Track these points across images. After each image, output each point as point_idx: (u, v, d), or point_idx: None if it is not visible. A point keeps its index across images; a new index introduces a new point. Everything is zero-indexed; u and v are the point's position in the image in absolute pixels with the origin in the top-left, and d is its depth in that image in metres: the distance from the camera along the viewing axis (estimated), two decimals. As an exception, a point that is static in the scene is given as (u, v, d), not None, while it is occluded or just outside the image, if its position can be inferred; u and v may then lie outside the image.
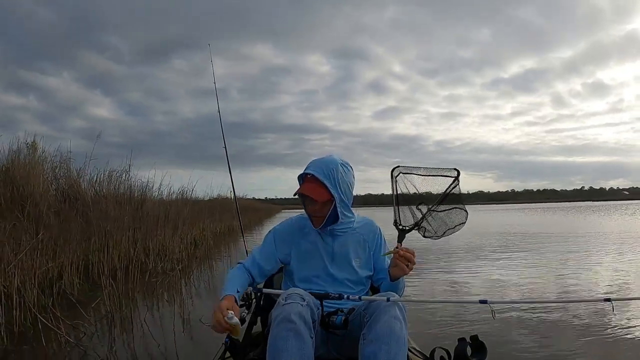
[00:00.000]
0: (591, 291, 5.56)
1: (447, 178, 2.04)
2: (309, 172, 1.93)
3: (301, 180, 1.97)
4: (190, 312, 4.90)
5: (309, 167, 1.95)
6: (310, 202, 1.94)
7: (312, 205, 1.94)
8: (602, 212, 34.08)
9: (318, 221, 1.96)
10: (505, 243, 12.13)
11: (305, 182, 1.94)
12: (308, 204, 1.95)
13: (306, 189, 1.92)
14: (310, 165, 1.96)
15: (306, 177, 1.95)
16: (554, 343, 3.58)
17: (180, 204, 11.28)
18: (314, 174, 1.91)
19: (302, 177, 1.97)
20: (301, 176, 1.97)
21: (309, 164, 1.98)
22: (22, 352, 3.49)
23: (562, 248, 10.56)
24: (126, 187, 9.42)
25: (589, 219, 25.04)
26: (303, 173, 1.96)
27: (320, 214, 1.94)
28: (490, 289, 5.77)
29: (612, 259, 8.41)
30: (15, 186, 6.71)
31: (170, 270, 7.23)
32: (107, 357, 3.37)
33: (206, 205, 14.75)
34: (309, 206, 1.96)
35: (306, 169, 1.95)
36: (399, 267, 1.85)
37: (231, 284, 1.83)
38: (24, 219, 5.42)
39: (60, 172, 8.66)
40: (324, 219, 1.94)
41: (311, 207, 1.95)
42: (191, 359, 3.46)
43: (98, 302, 4.40)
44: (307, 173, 1.94)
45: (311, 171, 1.92)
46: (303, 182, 1.96)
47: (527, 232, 16.23)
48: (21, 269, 4.09)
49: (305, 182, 1.94)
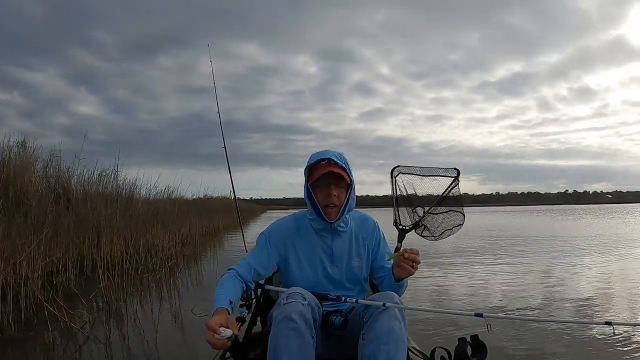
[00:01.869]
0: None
1: (447, 178, 2.05)
2: (328, 157, 1.86)
3: (307, 173, 1.91)
4: (179, 304, 5.33)
5: (322, 154, 1.88)
6: (335, 186, 1.87)
7: (337, 190, 1.87)
8: (591, 216, 34.66)
9: (335, 212, 1.89)
10: (501, 246, 12.19)
11: (324, 167, 1.86)
12: (327, 191, 1.87)
13: (334, 170, 1.85)
14: (321, 153, 1.90)
15: (321, 164, 1.87)
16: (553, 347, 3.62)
17: (167, 203, 11.61)
18: (332, 158, 1.86)
19: (312, 165, 1.89)
20: (312, 165, 1.89)
21: (316, 154, 1.91)
22: (28, 338, 3.85)
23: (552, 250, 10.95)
24: (114, 187, 9.68)
25: (578, 223, 25.45)
26: (315, 160, 1.88)
27: (338, 202, 1.88)
28: (484, 297, 5.63)
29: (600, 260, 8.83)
30: (11, 185, 6.98)
31: (160, 267, 7.63)
32: (107, 341, 3.77)
33: (193, 204, 15.08)
34: (331, 192, 1.86)
35: (318, 156, 1.88)
36: (403, 268, 1.80)
37: (222, 295, 1.71)
38: (21, 217, 5.72)
39: (50, 170, 8.94)
40: (339, 209, 1.89)
41: (335, 192, 1.87)
42: (179, 344, 3.87)
43: (95, 294, 4.75)
44: (324, 158, 1.86)
45: (330, 156, 1.86)
46: (314, 169, 1.89)
47: (520, 235, 16.54)
48: (26, 264, 4.44)
49: (323, 167, 1.86)
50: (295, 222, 2.00)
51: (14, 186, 6.94)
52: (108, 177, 9.47)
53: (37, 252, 4.63)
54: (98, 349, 3.61)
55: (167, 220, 10.21)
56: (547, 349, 3.55)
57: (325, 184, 1.86)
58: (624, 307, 5.00)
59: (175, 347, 3.76)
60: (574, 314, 4.74)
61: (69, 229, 6.19)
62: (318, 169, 1.87)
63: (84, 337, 3.88)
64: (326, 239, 1.96)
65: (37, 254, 4.63)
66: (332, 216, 1.89)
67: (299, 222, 1.99)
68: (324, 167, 1.86)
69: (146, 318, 4.67)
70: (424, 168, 2.08)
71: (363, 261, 2.00)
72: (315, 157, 1.90)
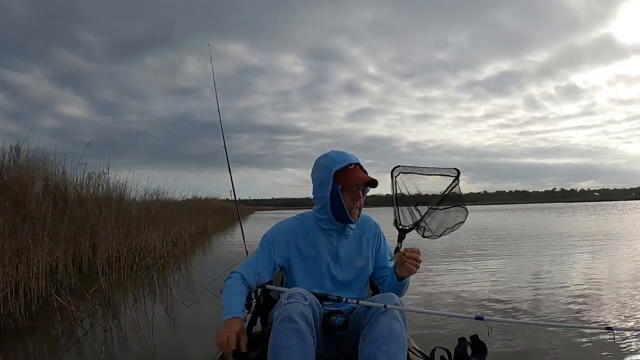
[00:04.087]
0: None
1: (447, 178, 2.06)
2: (356, 161, 1.92)
3: (331, 177, 1.88)
4: (171, 297, 5.93)
5: (346, 157, 1.92)
6: (364, 191, 1.94)
7: (363, 195, 1.94)
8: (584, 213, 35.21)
9: (357, 214, 1.94)
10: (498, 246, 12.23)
11: (355, 172, 1.91)
12: (358, 196, 1.91)
13: (368, 177, 1.91)
14: (343, 155, 1.93)
15: (349, 168, 1.90)
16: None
17: (158, 205, 12.07)
18: (359, 162, 1.93)
19: (339, 171, 1.89)
20: (338, 170, 1.89)
21: (338, 155, 1.93)
22: (38, 327, 4.38)
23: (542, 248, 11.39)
24: (105, 189, 9.96)
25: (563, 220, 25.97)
26: (345, 165, 1.89)
27: (361, 205, 1.94)
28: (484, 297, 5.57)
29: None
30: (10, 189, 7.38)
31: (152, 265, 8.20)
32: (108, 328, 4.32)
33: (182, 206, 15.57)
34: (361, 197, 1.92)
35: (345, 161, 1.90)
36: (405, 267, 1.83)
37: (235, 301, 1.75)
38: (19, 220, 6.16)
39: (45, 173, 9.30)
40: (359, 210, 1.95)
41: (361, 197, 1.93)
42: (171, 331, 4.44)
43: (95, 289, 5.29)
44: (352, 163, 1.91)
45: (356, 161, 1.92)
46: (343, 172, 1.89)
47: (513, 233, 16.73)
48: (36, 261, 5.01)
49: (354, 172, 1.90)
50: (299, 223, 2.01)
51: (13, 191, 7.35)
52: (98, 180, 9.94)
53: (41, 251, 5.13)
54: (100, 335, 4.13)
55: (158, 222, 10.70)
56: (546, 349, 3.55)
57: (358, 189, 1.91)
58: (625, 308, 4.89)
59: (167, 334, 4.30)
60: (573, 314, 4.69)
61: (68, 230, 6.66)
62: (350, 174, 1.89)
63: (88, 324, 4.41)
64: (333, 239, 1.98)
65: (42, 254, 5.14)
66: (356, 217, 1.94)
67: (304, 223, 2.00)
68: (354, 172, 1.90)
69: (141, 310, 5.21)
70: (424, 168, 2.11)
71: (368, 261, 2.02)
72: (342, 160, 1.90)
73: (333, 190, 1.88)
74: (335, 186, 1.88)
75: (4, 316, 4.31)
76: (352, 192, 1.89)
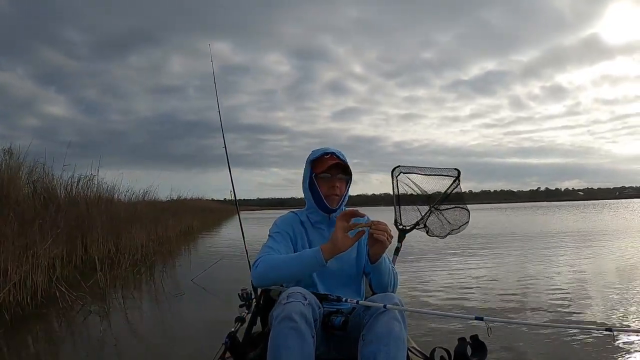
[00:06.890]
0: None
1: (448, 178, 2.06)
2: (332, 151, 2.01)
3: (309, 168, 2.02)
4: (158, 289, 6.58)
5: (325, 149, 2.03)
6: (338, 177, 2.00)
7: (339, 182, 2.00)
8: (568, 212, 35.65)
9: (336, 200, 2.00)
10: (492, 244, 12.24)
11: (329, 160, 1.98)
12: (331, 182, 1.98)
13: (339, 162, 1.98)
14: (324, 148, 2.04)
15: (324, 158, 2.00)
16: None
17: (144, 205, 12.56)
18: (335, 152, 2.02)
19: (316, 159, 2.01)
20: (316, 159, 2.01)
21: (317, 149, 2.05)
22: (43, 314, 5.05)
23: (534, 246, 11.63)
24: (93, 190, 10.60)
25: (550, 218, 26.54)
26: (319, 154, 2.01)
27: (340, 193, 2.00)
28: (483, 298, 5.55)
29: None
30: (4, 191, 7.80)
31: (140, 262, 8.93)
32: (105, 315, 5.04)
33: (167, 206, 16.07)
34: (335, 182, 1.99)
35: (321, 151, 2.02)
36: (378, 240, 1.79)
37: (295, 254, 1.87)
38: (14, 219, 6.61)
39: (36, 175, 9.65)
40: (340, 198, 2.01)
41: (338, 183, 1.99)
42: (158, 317, 5.13)
43: (92, 282, 5.97)
44: (327, 152, 2.00)
45: (333, 150, 2.01)
46: (318, 161, 2.00)
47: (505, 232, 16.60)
48: (41, 256, 5.69)
49: (328, 160, 1.98)
50: (295, 216, 2.08)
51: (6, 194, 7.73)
52: (88, 183, 10.40)
53: (43, 249, 5.75)
54: (97, 321, 4.77)
55: (145, 221, 11.24)
56: (546, 349, 3.56)
57: (330, 175, 1.98)
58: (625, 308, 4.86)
59: (155, 321, 5.03)
60: (573, 314, 4.68)
61: (62, 230, 7.16)
62: (322, 162, 1.99)
63: (87, 311, 5.09)
64: (323, 231, 2.03)
65: (44, 251, 5.77)
66: (334, 204, 2.00)
67: (298, 216, 2.08)
68: (328, 160, 1.98)
69: (132, 300, 5.90)
70: (425, 168, 2.12)
71: (360, 253, 2.04)
72: (319, 151, 2.03)
73: (310, 179, 2.01)
74: (312, 174, 2.01)
75: (14, 304, 4.96)
76: (326, 178, 1.99)
